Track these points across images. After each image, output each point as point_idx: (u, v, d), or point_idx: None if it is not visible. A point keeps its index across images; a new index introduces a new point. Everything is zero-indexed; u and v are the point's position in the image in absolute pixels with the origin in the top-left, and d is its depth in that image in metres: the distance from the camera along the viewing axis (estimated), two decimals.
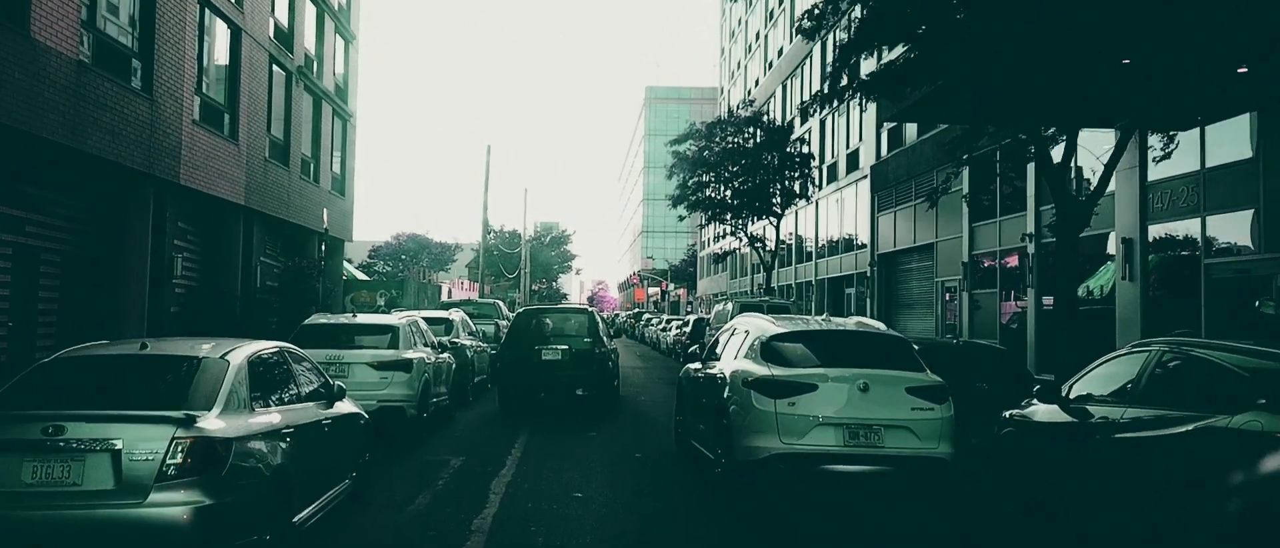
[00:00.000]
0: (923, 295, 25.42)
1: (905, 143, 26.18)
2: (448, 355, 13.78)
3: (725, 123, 31.15)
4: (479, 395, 17.12)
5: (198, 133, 20.40)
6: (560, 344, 14.88)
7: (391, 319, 11.59)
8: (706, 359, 10.03)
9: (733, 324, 9.75)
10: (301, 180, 27.94)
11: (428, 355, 12.00)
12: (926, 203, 22.75)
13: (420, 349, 11.89)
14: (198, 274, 22.16)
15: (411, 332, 11.73)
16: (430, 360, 12.05)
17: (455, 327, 16.24)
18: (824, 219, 35.29)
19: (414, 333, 11.93)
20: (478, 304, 23.78)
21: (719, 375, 8.74)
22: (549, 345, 14.79)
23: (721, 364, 9.07)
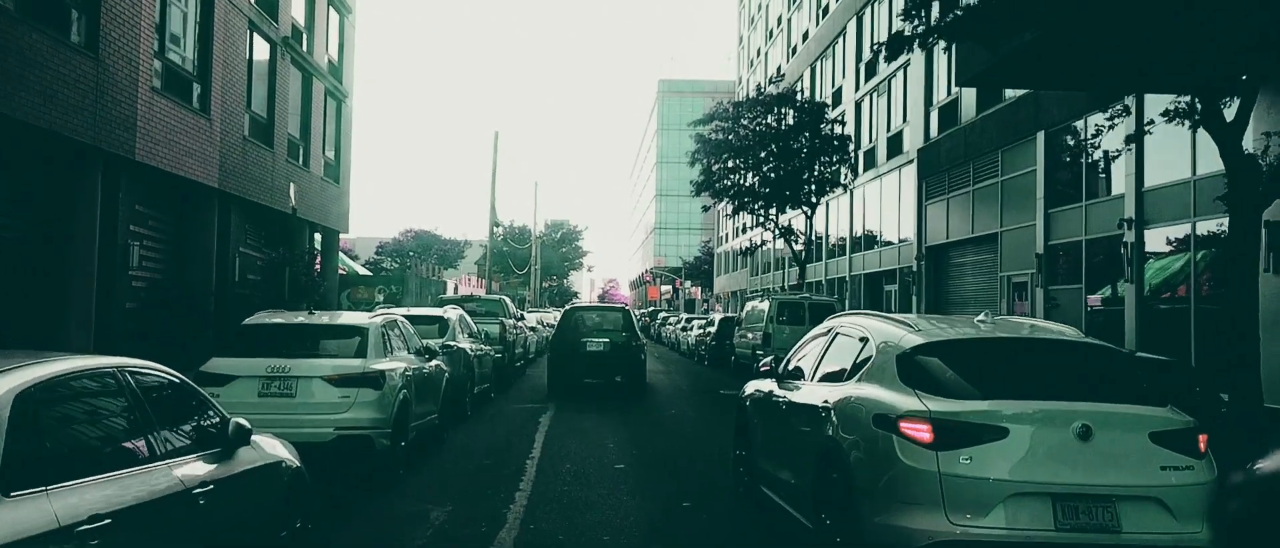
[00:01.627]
0: (981, 292, 22.61)
1: (960, 121, 23.36)
2: (438, 363, 11.09)
3: (754, 102, 28.32)
4: (481, 409, 14.42)
5: (159, 103, 17.75)
6: (601, 338, 17.80)
7: (361, 319, 8.88)
8: (786, 377, 7.30)
9: (832, 326, 7.02)
10: (289, 164, 25.30)
11: (408, 365, 9.31)
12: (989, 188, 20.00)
13: (399, 357, 9.18)
14: (162, 266, 19.52)
15: (386, 335, 9.03)
16: (413, 371, 9.36)
17: (451, 327, 13.55)
18: (860, 210, 32.46)
19: (390, 337, 9.22)
20: (482, 300, 21.09)
21: (820, 405, 5.96)
22: (592, 338, 17.75)
23: (817, 387, 6.34)
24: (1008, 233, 20.71)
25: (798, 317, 20.60)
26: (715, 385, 20.81)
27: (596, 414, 14.62)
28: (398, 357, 9.19)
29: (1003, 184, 20.98)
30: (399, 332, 9.78)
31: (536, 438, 11.73)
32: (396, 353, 9.23)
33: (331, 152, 29.93)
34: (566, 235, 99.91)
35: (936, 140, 24.96)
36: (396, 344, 9.45)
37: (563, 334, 17.77)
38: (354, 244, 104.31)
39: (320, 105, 28.17)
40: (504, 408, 15.15)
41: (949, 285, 24.71)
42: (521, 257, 75.94)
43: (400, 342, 9.66)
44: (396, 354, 9.20)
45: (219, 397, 7.97)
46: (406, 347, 9.85)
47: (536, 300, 74.06)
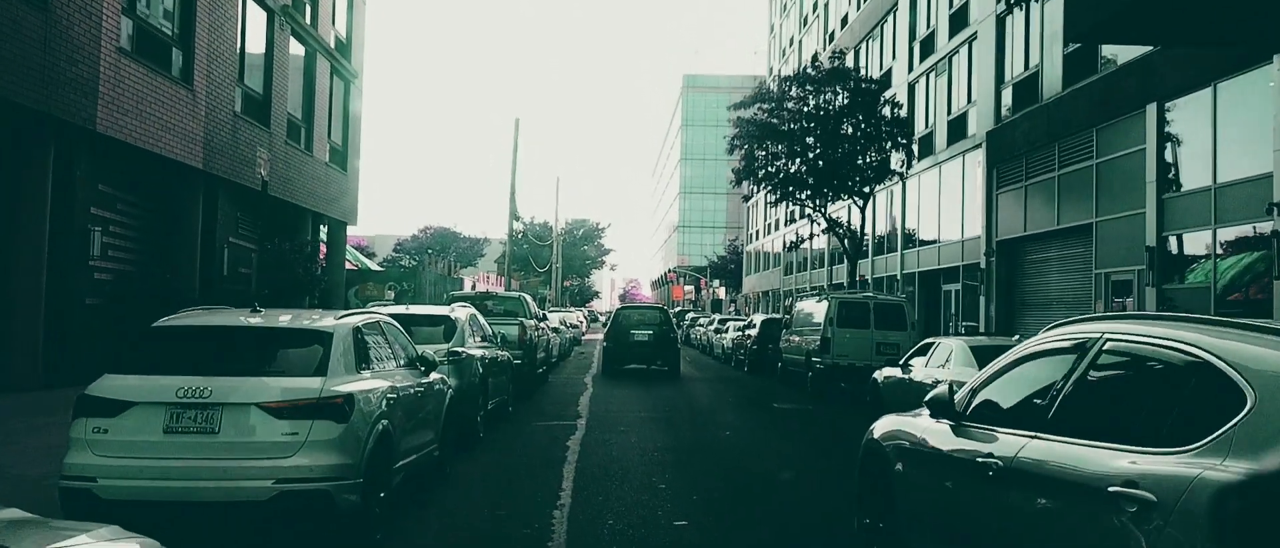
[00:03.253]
0: (1067, 292, 19.82)
1: (1042, 98, 20.58)
2: (440, 377, 8.55)
3: (803, 78, 25.58)
4: (495, 429, 11.86)
5: (128, 67, 15.34)
6: (645, 331, 22.53)
7: (324, 321, 6.32)
8: (977, 420, 4.68)
9: (1078, 337, 4.29)
10: (288, 147, 22.91)
11: (394, 384, 6.75)
12: (1080, 172, 17.07)
13: (380, 373, 6.62)
14: (134, 256, 17.12)
15: (361, 343, 6.47)
16: (400, 392, 6.81)
17: (459, 330, 11.00)
18: (913, 201, 29.69)
19: (369, 345, 6.66)
20: (499, 298, 18.54)
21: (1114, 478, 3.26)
22: (638, 331, 22.52)
23: (1080, 449, 3.61)
24: (1106, 224, 17.92)
25: (860, 319, 17.91)
26: (764, 397, 18.16)
27: (637, 434, 12.02)
28: (379, 372, 6.63)
29: (1098, 168, 18.21)
30: (383, 338, 7.22)
31: (565, 473, 9.15)
32: (377, 367, 6.68)
33: (338, 136, 27.53)
34: (588, 233, 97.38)
35: (1010, 121, 22.17)
36: (379, 355, 6.89)
37: (615, 329, 23.11)
38: (372, 242, 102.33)
39: (325, 85, 25.77)
40: (524, 427, 12.59)
41: (1025, 284, 21.91)
42: (542, 255, 73.50)
43: (385, 351, 7.10)
44: (377, 369, 6.65)
45: (106, 433, 5.44)
46: (394, 358, 7.30)
47: (557, 300, 71.61)
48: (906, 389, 11.90)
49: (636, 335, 22.41)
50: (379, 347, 6.96)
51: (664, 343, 22.43)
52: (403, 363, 7.55)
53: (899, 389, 12.26)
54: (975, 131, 24.57)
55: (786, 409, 16.20)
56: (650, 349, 22.39)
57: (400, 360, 7.45)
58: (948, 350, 11.09)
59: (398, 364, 7.31)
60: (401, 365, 7.44)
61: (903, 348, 17.82)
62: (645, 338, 22.35)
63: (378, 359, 6.79)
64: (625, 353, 22.45)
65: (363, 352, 6.48)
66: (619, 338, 22.54)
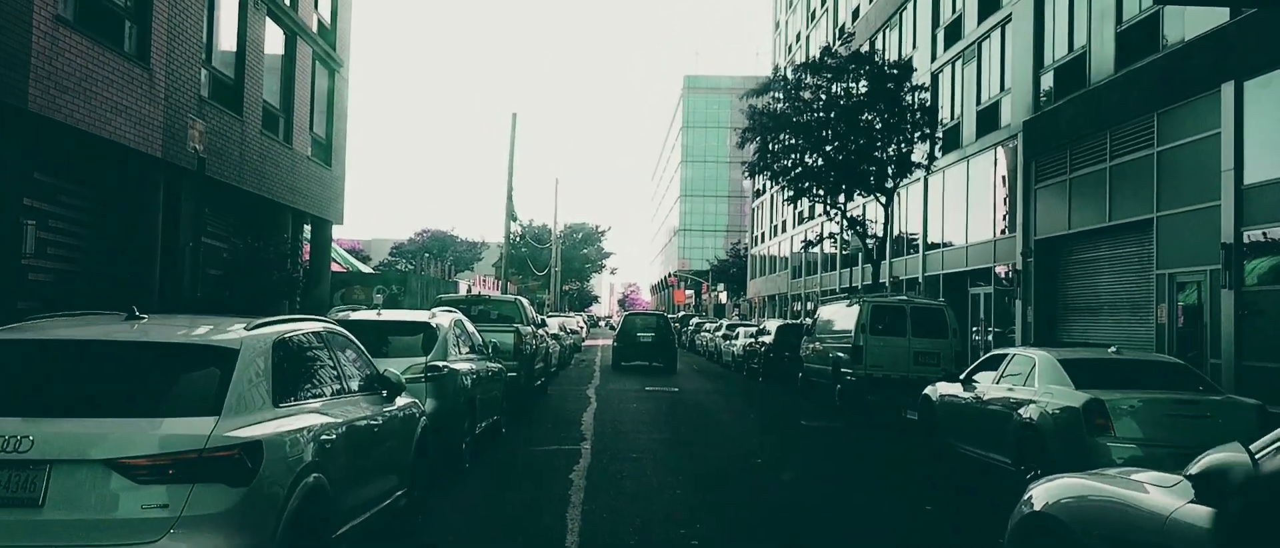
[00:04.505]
0: (1120, 295, 17.95)
1: (1089, 82, 18.73)
2: (409, 401, 6.69)
3: (818, 65, 23.70)
4: (484, 456, 9.96)
5: (68, 39, 13.43)
6: (649, 333, 26.72)
7: (229, 333, 4.40)
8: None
9: None
10: (264, 137, 21.00)
11: (335, 422, 4.86)
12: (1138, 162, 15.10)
13: (308, 407, 4.72)
14: (81, 254, 15.22)
15: (282, 365, 4.55)
16: (344, 433, 4.91)
17: (441, 339, 9.11)
18: (937, 198, 27.81)
19: (299, 366, 4.77)
20: (493, 302, 16.65)
21: None
22: (643, 333, 26.80)
23: None
24: (1170, 219, 16.06)
25: (896, 325, 16.06)
26: (789, 413, 16.28)
27: (652, 462, 10.13)
28: (313, 404, 4.75)
29: (1160, 156, 16.36)
30: (326, 354, 5.34)
31: (569, 521, 7.26)
32: (311, 397, 4.80)
33: (321, 129, 25.62)
34: (587, 236, 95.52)
35: (1052, 109, 20.32)
36: (317, 379, 5.02)
37: (624, 331, 27.46)
38: (368, 246, 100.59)
39: (307, 72, 23.87)
40: (520, 453, 10.70)
41: (1068, 287, 20.03)
42: (541, 258, 71.59)
43: (326, 372, 5.22)
44: (311, 399, 4.77)
45: None
46: (341, 381, 5.42)
47: (557, 304, 69.72)
48: (973, 413, 10.03)
49: (641, 337, 26.70)
50: (316, 367, 5.08)
51: (663, 344, 26.59)
52: (356, 386, 5.67)
53: (962, 412, 10.39)
54: (1010, 121, 22.71)
55: (817, 428, 14.32)
56: (652, 348, 26.46)
57: (351, 384, 5.57)
58: (1027, 363, 9.23)
59: (346, 389, 5.42)
60: (353, 390, 5.57)
61: (942, 357, 15.99)
62: (648, 339, 26.58)
63: (313, 385, 4.90)
64: (631, 351, 26.68)
65: (289, 376, 4.60)
66: (627, 339, 26.90)
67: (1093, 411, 7.81)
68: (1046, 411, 8.45)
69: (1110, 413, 7.78)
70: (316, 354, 5.18)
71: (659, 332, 26.70)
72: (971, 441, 10.08)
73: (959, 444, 10.47)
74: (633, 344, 26.52)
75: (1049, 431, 8.32)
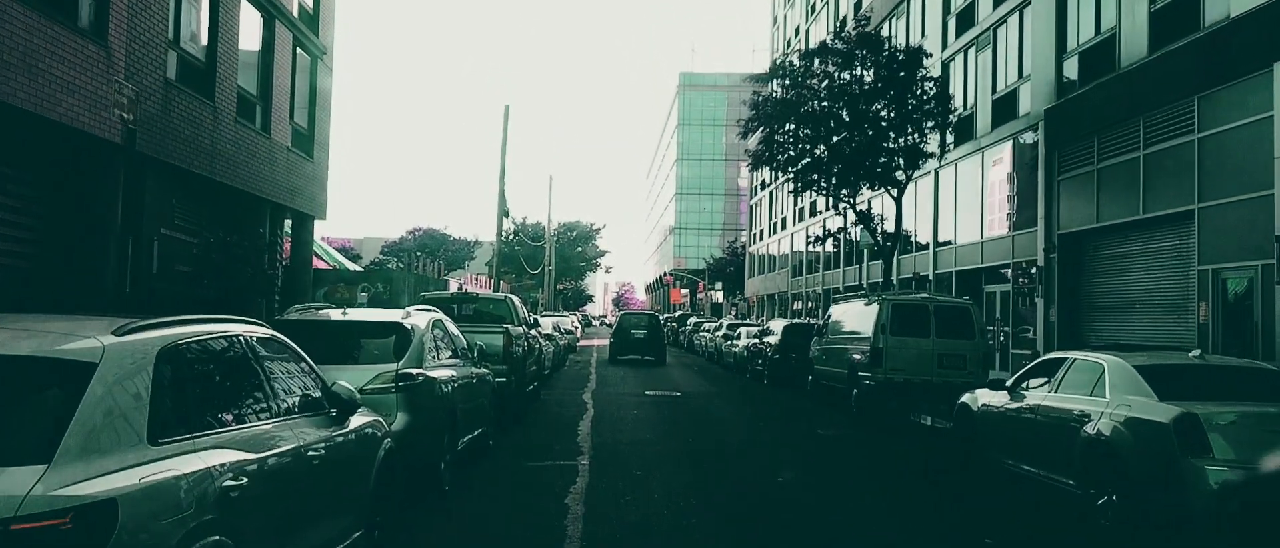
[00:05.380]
0: (1155, 293, 16.76)
1: (1120, 66, 17.54)
2: (368, 420, 5.44)
3: (826, 51, 22.46)
4: (468, 473, 8.70)
5: (10, 10, 12.08)
6: (641, 330, 30.23)
7: (81, 341, 3.14)
8: None
9: None
10: (239, 125, 19.68)
11: (263, 457, 3.61)
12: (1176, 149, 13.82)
13: (197, 448, 3.44)
14: (30, 247, 13.88)
15: (156, 391, 3.23)
16: (251, 476, 3.65)
17: (416, 343, 7.84)
18: (948, 192, 26.63)
19: (192, 391, 3.49)
20: (481, 300, 15.38)
21: None
22: (636, 330, 30.34)
23: None
24: (1213, 210, 14.86)
25: (919, 325, 14.84)
26: (801, 421, 15.05)
27: (660, 481, 8.88)
28: (216, 441, 3.49)
29: (1201, 143, 15.17)
30: (242, 371, 4.07)
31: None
32: (217, 429, 3.55)
33: (303, 119, 24.28)
34: (582, 235, 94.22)
35: (1077, 95, 19.12)
36: (231, 404, 3.77)
37: (619, 328, 31.14)
38: (359, 244, 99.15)
39: (287, 58, 22.53)
40: (509, 471, 9.44)
41: (1095, 285, 18.83)
42: (535, 257, 70.28)
43: (247, 395, 3.96)
44: (214, 434, 3.51)
45: None
46: (266, 401, 4.15)
47: (551, 303, 68.43)
48: (1025, 425, 8.80)
49: (634, 333, 30.22)
50: (230, 386, 3.83)
51: (654, 340, 30.11)
52: (293, 407, 4.42)
53: (1009, 424, 9.17)
54: (1029, 110, 21.52)
55: (835, 438, 13.09)
56: (644, 344, 29.82)
57: (285, 404, 4.31)
58: (1094, 369, 8.00)
59: (277, 412, 4.17)
60: (289, 412, 4.31)
61: (969, 360, 14.78)
62: (641, 336, 30.00)
63: (223, 410, 3.65)
64: (626, 346, 30.08)
65: (182, 401, 3.34)
66: (622, 335, 30.52)
67: (1186, 427, 6.60)
68: (1123, 426, 7.23)
69: (1207, 430, 6.57)
70: (232, 368, 3.93)
71: (650, 329, 30.28)
72: (1022, 457, 8.86)
73: (1005, 460, 9.25)
74: (627, 340, 30.17)
75: (1128, 449, 7.10)
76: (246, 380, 4.02)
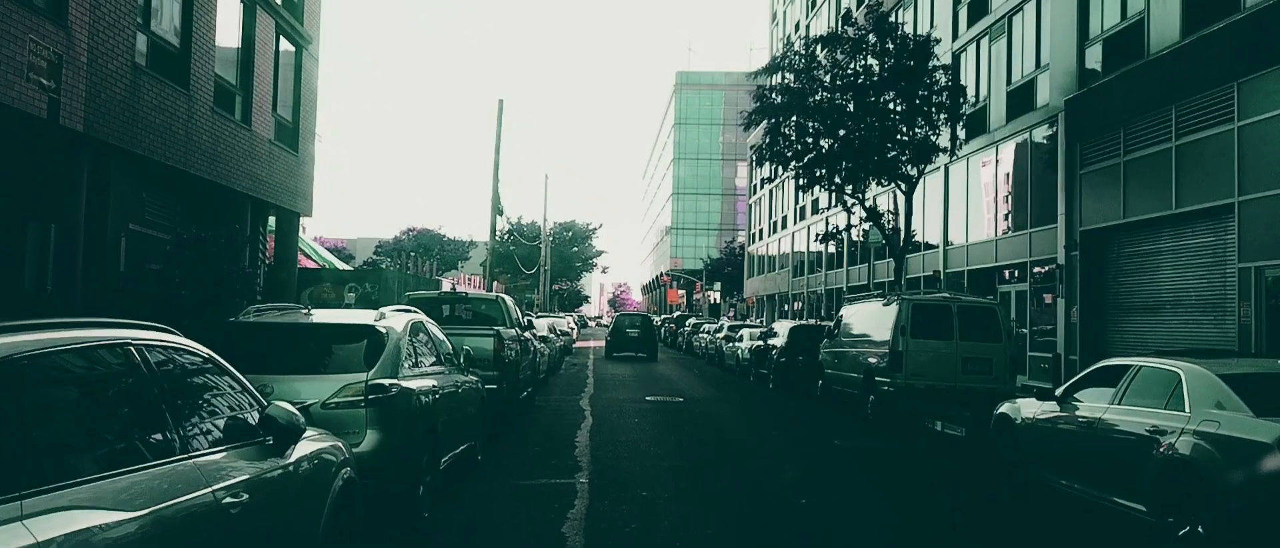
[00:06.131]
0: (1188, 292, 15.78)
1: (1148, 53, 16.56)
2: (322, 446, 4.41)
3: (835, 38, 21.43)
4: (453, 498, 7.66)
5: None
6: (635, 329, 33.66)
7: None
8: None
9: None
10: (217, 116, 18.59)
11: (158, 509, 2.55)
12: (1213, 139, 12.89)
13: (37, 516, 2.43)
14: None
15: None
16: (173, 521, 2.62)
17: (391, 349, 6.80)
18: (959, 188, 25.64)
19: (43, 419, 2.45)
20: (471, 299, 14.34)
21: None
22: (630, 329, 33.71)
23: None
24: (1256, 203, 13.88)
25: (941, 327, 13.83)
26: (815, 430, 14.03)
27: (668, 503, 7.85)
28: (65, 501, 2.47)
29: (1242, 132, 14.19)
30: (115, 399, 3.03)
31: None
32: (95, 473, 2.53)
33: (287, 111, 23.18)
34: (578, 234, 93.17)
35: (1101, 85, 18.14)
36: (97, 447, 2.74)
37: (615, 327, 34.56)
38: (353, 244, 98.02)
39: (269, 46, 21.44)
40: (498, 492, 8.40)
41: (1121, 284, 17.84)
42: (530, 256, 69.18)
43: (124, 432, 2.93)
44: (66, 491, 2.48)
45: None
46: (172, 436, 3.12)
47: (546, 304, 67.36)
48: (1082, 441, 7.78)
49: (629, 332, 33.45)
50: (82, 423, 2.78)
51: (647, 338, 33.27)
52: (210, 439, 3.38)
53: (1061, 439, 8.15)
54: (1047, 101, 20.54)
55: (855, 450, 12.07)
56: (637, 342, 33.01)
57: (187, 439, 3.26)
58: (1166, 379, 6.99)
59: (182, 448, 3.12)
60: (199, 449, 3.28)
61: (995, 364, 13.78)
62: (634, 334, 33.25)
63: (61, 462, 2.60)
64: (621, 344, 33.14)
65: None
66: (618, 334, 33.73)
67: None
68: (1210, 445, 6.22)
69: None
70: (106, 393, 2.89)
71: (643, 329, 33.56)
72: (1078, 476, 7.85)
73: (1056, 479, 8.24)
74: (623, 338, 33.34)
75: (1217, 473, 6.09)
76: (131, 408, 2.98)
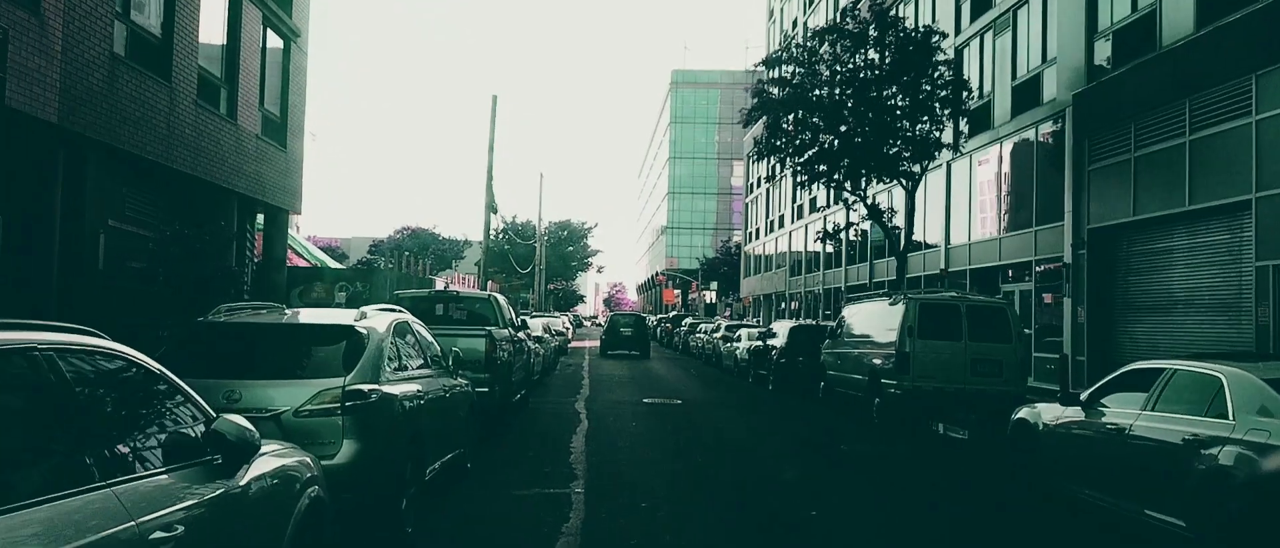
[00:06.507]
0: (1200, 291, 15.34)
1: (1161, 45, 16.12)
2: (282, 463, 3.88)
3: (837, 30, 20.92)
4: (439, 509, 7.12)
5: None
6: (628, 328, 34.67)
7: None
8: None
9: None
10: (201, 109, 18.04)
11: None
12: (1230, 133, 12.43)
13: None
14: None
15: None
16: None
17: (372, 352, 6.28)
18: (961, 185, 25.19)
19: None
20: (462, 298, 13.82)
21: None
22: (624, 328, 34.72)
23: None
24: (1271, 200, 13.43)
25: (949, 327, 13.34)
26: (819, 434, 13.54)
27: (669, 512, 7.37)
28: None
29: (1259, 126, 13.74)
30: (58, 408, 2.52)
31: None
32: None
33: (275, 105, 22.62)
34: (573, 234, 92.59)
35: (1110, 78, 17.69)
36: (33, 465, 2.23)
37: (610, 326, 35.45)
38: (347, 244, 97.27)
39: (255, 39, 20.87)
40: (489, 502, 7.87)
41: (1130, 283, 17.40)
42: (524, 256, 68.63)
43: (56, 446, 2.42)
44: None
45: None
46: (132, 445, 2.62)
47: (541, 304, 66.80)
48: (1111, 450, 7.28)
49: (623, 331, 34.56)
50: None
51: (640, 337, 34.52)
52: (141, 460, 2.87)
53: (1088, 447, 7.66)
54: (1054, 96, 20.09)
55: (864, 456, 11.58)
56: (631, 340, 34.15)
57: (106, 463, 2.75)
58: (1207, 385, 6.49)
59: (80, 483, 2.61)
60: (129, 470, 2.77)
61: (1005, 366, 13.29)
62: (628, 333, 34.43)
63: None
64: (616, 342, 34.30)
65: None
66: (612, 332, 34.83)
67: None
68: (1260, 457, 5.74)
69: None
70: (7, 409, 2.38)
71: (636, 328, 34.87)
72: (1106, 488, 7.36)
73: (1081, 490, 7.75)
74: (617, 337, 34.58)
75: (1272, 489, 5.61)
76: (30, 428, 2.47)
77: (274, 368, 6.01)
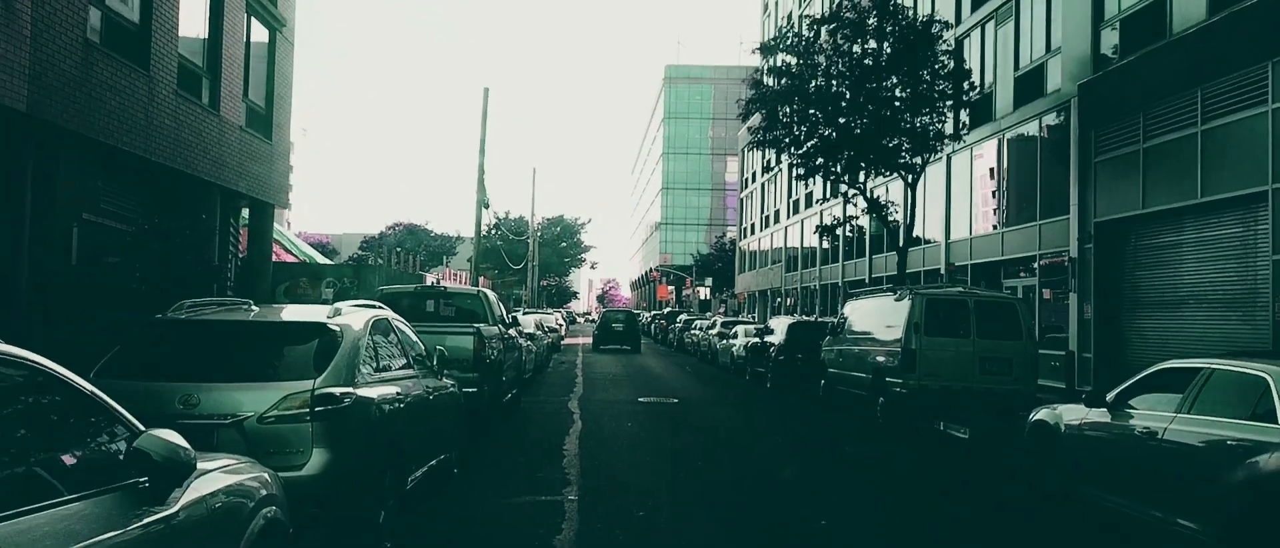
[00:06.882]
0: (1213, 287, 14.90)
1: (1171, 33, 15.66)
2: (226, 482, 3.36)
3: (837, 19, 20.40)
4: (424, 520, 6.63)
5: None
6: (620, 324, 36.30)
7: None
8: None
9: None
10: (181, 100, 17.43)
11: None
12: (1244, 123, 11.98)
13: None
14: None
15: None
16: None
17: (346, 351, 5.77)
18: (962, 178, 24.73)
19: None
20: (450, 294, 13.31)
21: None
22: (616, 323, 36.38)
23: None
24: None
25: (957, 325, 12.88)
26: (820, 435, 13.06)
27: (669, 520, 6.91)
28: None
29: (1275, 115, 13.29)
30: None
31: None
32: None
33: (259, 96, 22.03)
34: (566, 229, 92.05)
35: (1118, 68, 17.23)
36: None
37: (602, 322, 37.54)
38: (337, 240, 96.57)
39: (239, 28, 20.27)
40: (472, 514, 7.36)
41: (1138, 278, 16.95)
42: (517, 252, 68.05)
43: None
44: None
45: None
46: (41, 472, 2.10)
47: (534, 300, 66.26)
48: (1140, 455, 6.81)
49: (615, 326, 35.99)
50: None
51: (631, 332, 35.77)
52: (49, 489, 2.36)
53: (1113, 451, 7.19)
54: (1059, 86, 19.62)
55: (869, 458, 11.11)
56: (623, 336, 35.47)
57: (39, 488, 2.25)
58: (1251, 386, 6.00)
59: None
60: (59, 495, 2.27)
61: (1015, 364, 12.83)
62: (620, 328, 35.79)
63: None
64: (608, 337, 35.59)
65: None
66: (605, 328, 36.28)
67: None
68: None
69: None
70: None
71: (627, 323, 36.28)
72: (1136, 494, 6.89)
73: (1106, 495, 7.29)
74: (609, 332, 35.92)
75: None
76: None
77: (237, 370, 5.49)
